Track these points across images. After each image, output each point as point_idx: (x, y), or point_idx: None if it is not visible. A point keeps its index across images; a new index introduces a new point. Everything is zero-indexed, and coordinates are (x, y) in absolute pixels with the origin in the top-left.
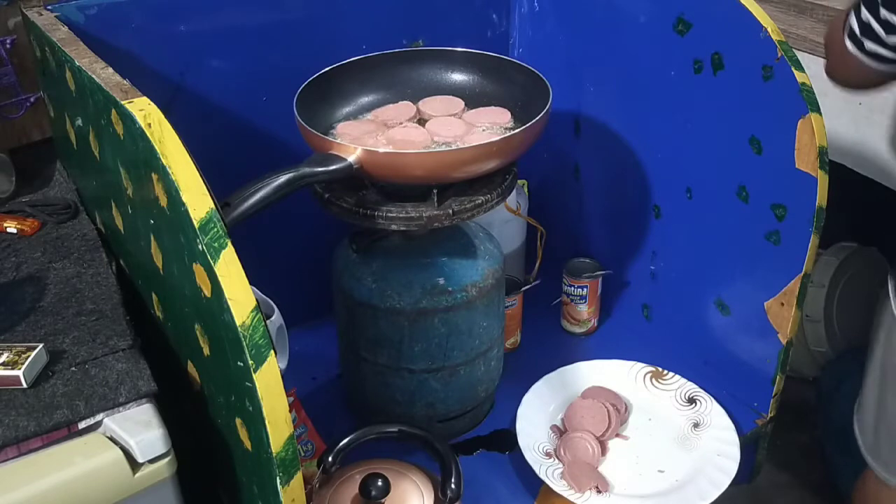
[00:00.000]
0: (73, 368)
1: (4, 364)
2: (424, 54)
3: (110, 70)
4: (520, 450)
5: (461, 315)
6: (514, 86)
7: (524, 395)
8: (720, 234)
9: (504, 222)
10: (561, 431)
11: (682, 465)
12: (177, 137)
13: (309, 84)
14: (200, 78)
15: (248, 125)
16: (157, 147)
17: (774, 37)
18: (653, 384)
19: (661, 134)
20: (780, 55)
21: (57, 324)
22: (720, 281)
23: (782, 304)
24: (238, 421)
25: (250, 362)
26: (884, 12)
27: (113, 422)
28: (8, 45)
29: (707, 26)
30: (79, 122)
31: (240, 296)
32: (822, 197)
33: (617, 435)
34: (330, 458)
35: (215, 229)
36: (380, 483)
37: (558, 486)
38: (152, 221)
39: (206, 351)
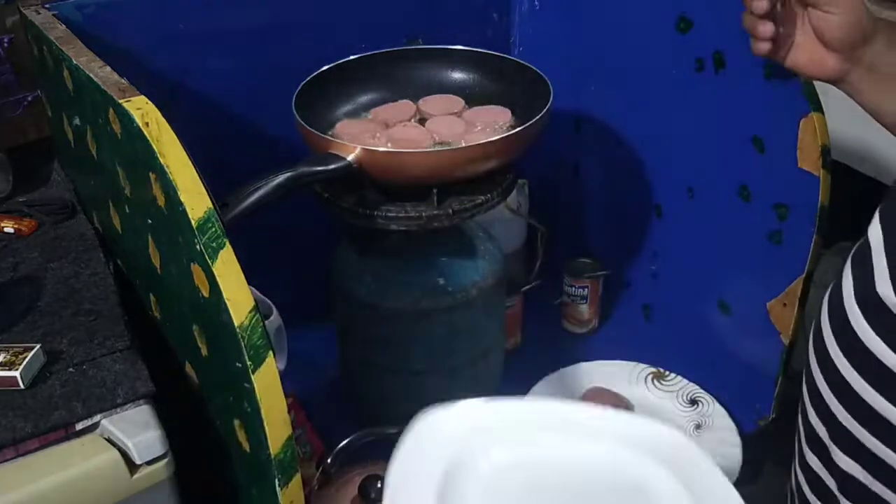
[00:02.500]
0: (71, 369)
1: (1, 365)
2: (424, 53)
3: (108, 69)
4: None
5: (461, 315)
6: (514, 85)
7: (524, 395)
8: (722, 233)
9: (504, 222)
10: None
11: None
12: (175, 137)
13: (308, 83)
14: (199, 77)
15: (247, 125)
16: (154, 146)
17: None
18: (654, 385)
19: (663, 133)
20: None
21: (54, 324)
22: (722, 281)
23: (784, 304)
24: (236, 422)
25: (248, 363)
26: None
27: (110, 423)
28: (5, 44)
29: (708, 24)
30: (76, 121)
31: (238, 296)
32: (824, 196)
33: None
34: (329, 460)
35: (213, 229)
36: (379, 485)
37: None
38: (150, 221)
39: (205, 351)
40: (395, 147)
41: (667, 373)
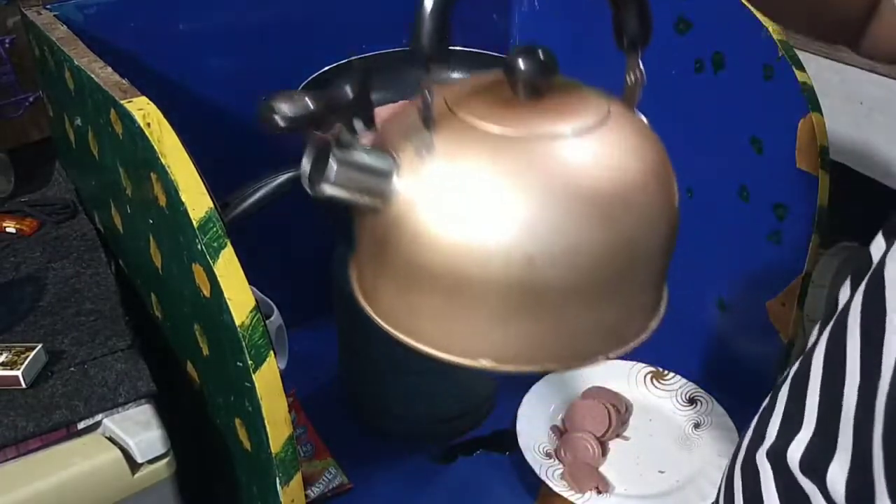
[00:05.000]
0: (73, 369)
1: (3, 364)
2: None
3: (109, 69)
4: (520, 450)
5: None
6: None
7: (524, 395)
8: (721, 233)
9: None
10: (561, 432)
11: (682, 465)
12: (176, 137)
13: (309, 84)
14: (200, 77)
15: (248, 125)
16: (156, 146)
17: (775, 36)
18: (653, 384)
19: (662, 133)
20: (781, 54)
21: (56, 324)
22: (721, 281)
23: (783, 303)
24: (237, 421)
25: (249, 362)
26: None
27: (112, 422)
28: (7, 45)
29: (708, 25)
30: (78, 121)
31: (239, 296)
32: (823, 197)
33: (617, 435)
34: None
35: (214, 229)
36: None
37: (559, 486)
38: (151, 221)
39: (206, 351)
40: None
41: (666, 372)
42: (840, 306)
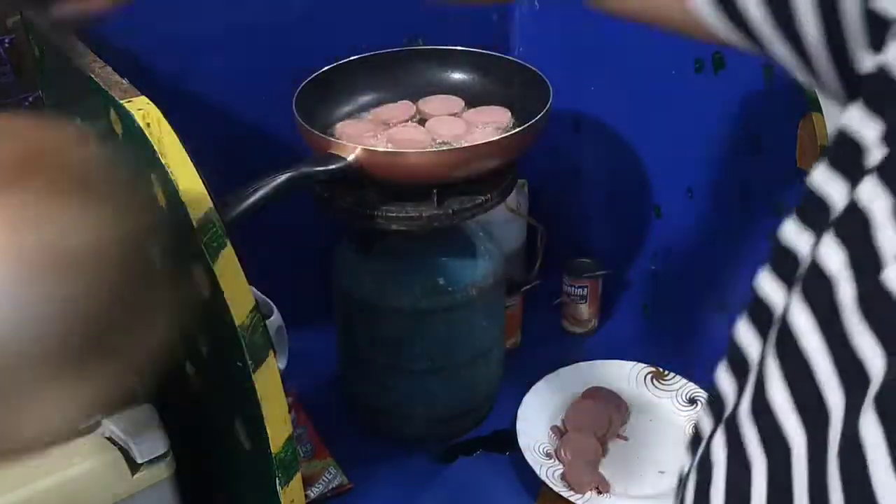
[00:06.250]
0: None
1: None
2: (424, 53)
3: (109, 69)
4: (520, 450)
5: (461, 315)
6: (514, 85)
7: (524, 395)
8: (721, 233)
9: (504, 222)
10: (561, 432)
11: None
12: (176, 137)
13: (308, 83)
14: (200, 77)
15: (247, 125)
16: (156, 147)
17: None
18: (653, 385)
19: (662, 133)
20: None
21: None
22: (721, 281)
23: None
24: (237, 421)
25: (249, 362)
26: None
27: (112, 423)
28: (6, 44)
29: None
30: (77, 121)
31: (239, 296)
32: None
33: (617, 436)
34: None
35: (214, 229)
36: None
37: (558, 486)
38: None
39: (205, 351)
40: (395, 147)
41: (666, 372)
42: (750, 359)
